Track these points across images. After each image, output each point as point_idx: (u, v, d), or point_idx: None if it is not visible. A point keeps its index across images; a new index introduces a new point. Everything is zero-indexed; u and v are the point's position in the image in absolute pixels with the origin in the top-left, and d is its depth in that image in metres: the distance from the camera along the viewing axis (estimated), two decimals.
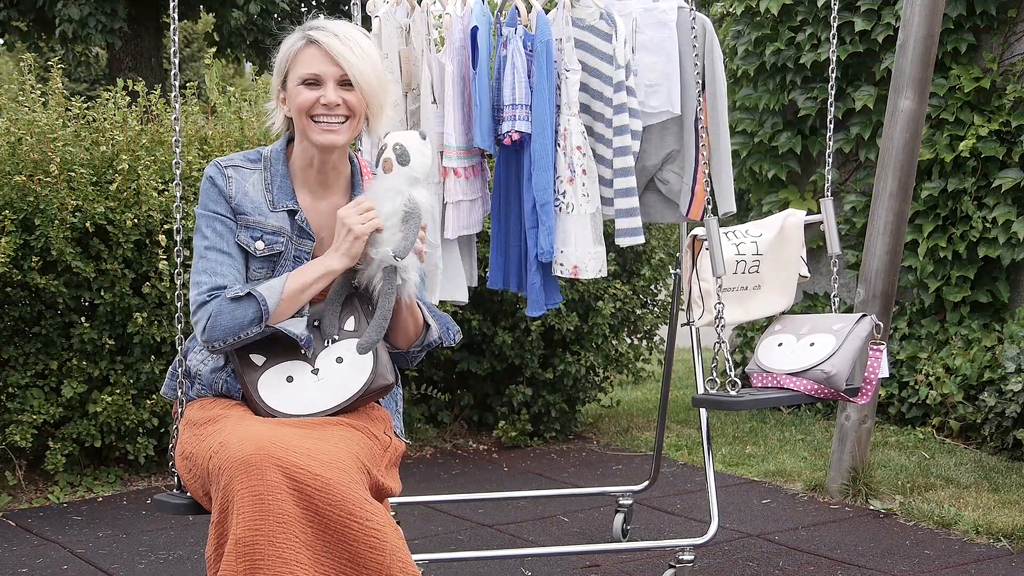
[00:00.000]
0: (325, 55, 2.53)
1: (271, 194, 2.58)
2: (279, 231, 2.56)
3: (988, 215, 5.37)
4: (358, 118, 2.57)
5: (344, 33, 2.56)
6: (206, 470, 2.35)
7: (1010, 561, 3.78)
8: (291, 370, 2.52)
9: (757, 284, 3.60)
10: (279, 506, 2.21)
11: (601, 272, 3.61)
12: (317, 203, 2.62)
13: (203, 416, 2.51)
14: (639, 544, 3.88)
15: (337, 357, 2.53)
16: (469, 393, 5.67)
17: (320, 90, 2.53)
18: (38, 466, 4.85)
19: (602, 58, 3.57)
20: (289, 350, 2.52)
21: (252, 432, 2.32)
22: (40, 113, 4.70)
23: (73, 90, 15.75)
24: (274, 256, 2.56)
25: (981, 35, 5.57)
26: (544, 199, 3.52)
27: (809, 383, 3.34)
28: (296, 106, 2.55)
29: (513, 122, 3.50)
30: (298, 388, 2.50)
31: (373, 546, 2.24)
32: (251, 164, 2.61)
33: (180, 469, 2.52)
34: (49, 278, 4.53)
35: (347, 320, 2.57)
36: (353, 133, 2.58)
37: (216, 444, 2.33)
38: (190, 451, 2.46)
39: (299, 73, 2.54)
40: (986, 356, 5.24)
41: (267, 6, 13.16)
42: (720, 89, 3.76)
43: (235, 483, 2.24)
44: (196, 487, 2.44)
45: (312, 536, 2.24)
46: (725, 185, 3.78)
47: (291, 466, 2.24)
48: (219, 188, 2.57)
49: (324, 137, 2.54)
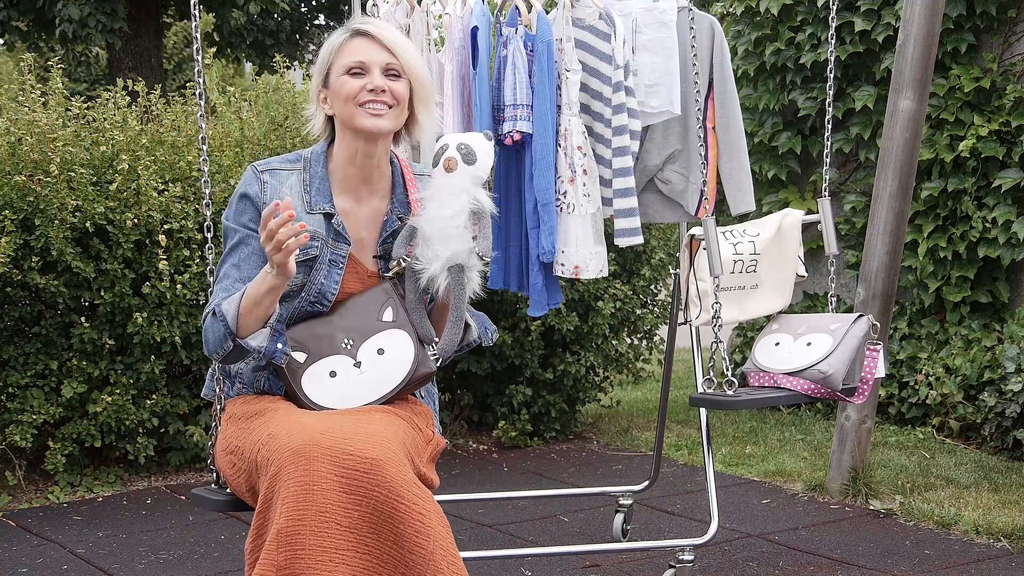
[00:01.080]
0: (372, 42, 2.53)
1: (309, 195, 2.57)
2: (314, 235, 2.54)
3: (988, 215, 5.37)
4: (402, 107, 2.55)
5: (389, 27, 2.59)
6: (254, 462, 2.34)
7: (1010, 561, 3.78)
8: (334, 364, 2.52)
9: (754, 284, 3.60)
10: (323, 495, 2.21)
11: (602, 272, 3.61)
12: (358, 207, 2.60)
13: (248, 410, 2.51)
14: (639, 544, 3.88)
15: (378, 349, 2.53)
16: (469, 393, 5.67)
17: (366, 78, 2.51)
18: (38, 466, 4.85)
19: (601, 58, 3.58)
20: (330, 345, 2.52)
21: (301, 423, 2.32)
22: (40, 113, 4.70)
23: (73, 90, 15.76)
24: (309, 260, 2.55)
25: (981, 35, 5.57)
26: (546, 199, 3.52)
27: (806, 383, 3.34)
28: (342, 96, 2.52)
29: (514, 122, 3.51)
30: (342, 382, 2.50)
31: (418, 530, 2.24)
32: (289, 166, 2.60)
33: (222, 464, 2.51)
34: (49, 278, 4.54)
35: (385, 311, 2.56)
36: (397, 123, 2.55)
37: (265, 436, 2.34)
38: (236, 445, 2.46)
39: (344, 63, 2.53)
40: (986, 356, 5.24)
41: (267, 6, 13.15)
42: (730, 88, 3.77)
43: (283, 473, 2.23)
44: (239, 481, 2.44)
45: (358, 519, 2.23)
46: (744, 184, 3.79)
47: (340, 453, 2.24)
48: (252, 198, 2.55)
49: (370, 121, 2.50)
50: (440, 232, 2.50)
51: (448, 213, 2.50)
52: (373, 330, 2.54)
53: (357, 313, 2.56)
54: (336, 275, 2.57)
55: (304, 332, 2.55)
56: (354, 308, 2.57)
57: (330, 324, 2.55)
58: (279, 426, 2.33)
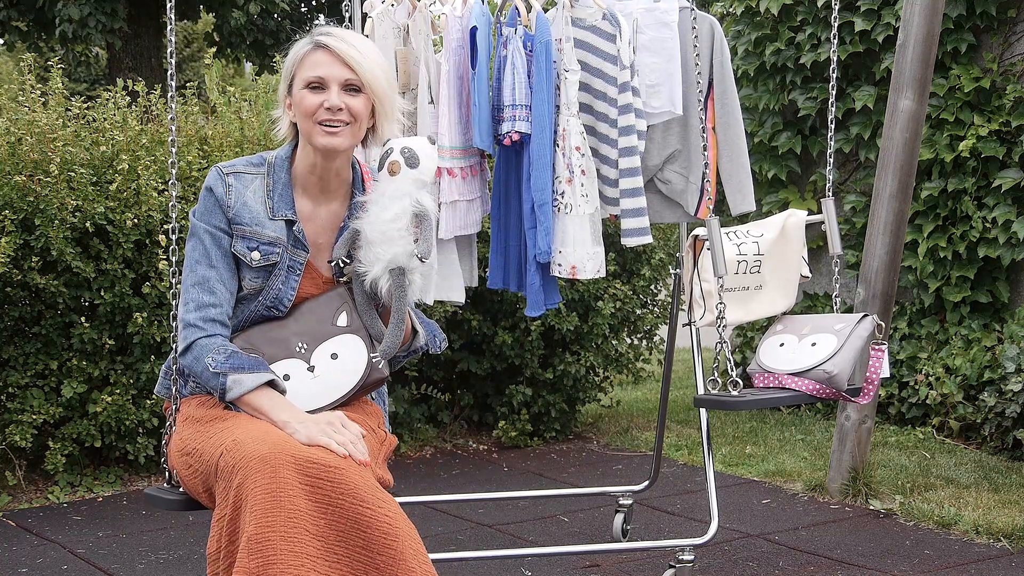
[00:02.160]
0: (333, 57, 2.53)
1: (271, 201, 2.58)
2: (275, 241, 2.57)
3: (988, 215, 5.37)
4: (360, 123, 2.56)
5: (353, 38, 2.57)
6: (214, 467, 2.35)
7: (1010, 561, 3.78)
8: (287, 368, 2.54)
9: (758, 284, 3.60)
10: (291, 502, 2.22)
11: (599, 272, 3.60)
12: (316, 210, 2.62)
13: (206, 413, 2.51)
14: (639, 544, 3.88)
15: (332, 353, 2.55)
16: (469, 393, 5.67)
17: (324, 94, 2.53)
18: (38, 466, 4.85)
19: (605, 58, 3.57)
20: (284, 349, 2.54)
21: (266, 431, 2.34)
22: (40, 113, 4.70)
23: (73, 90, 15.75)
24: (269, 266, 2.57)
25: (981, 35, 5.57)
26: (542, 199, 3.52)
27: (811, 383, 3.34)
28: (302, 111, 2.54)
29: (513, 122, 3.50)
30: (295, 386, 2.52)
31: (386, 532, 2.25)
32: (254, 169, 2.61)
33: (178, 465, 2.52)
34: (49, 278, 4.53)
35: (339, 316, 2.58)
36: (355, 139, 2.57)
37: (229, 442, 2.34)
38: (193, 447, 2.46)
39: (305, 76, 2.54)
40: (986, 356, 5.24)
41: (267, 6, 13.15)
42: (730, 88, 3.76)
43: (249, 481, 2.24)
44: (195, 483, 2.44)
45: (324, 527, 2.24)
46: (745, 184, 3.79)
47: (304, 461, 2.26)
48: (217, 198, 2.57)
49: (325, 139, 2.53)
50: (381, 235, 2.52)
51: (389, 216, 2.51)
52: (327, 335, 2.56)
53: (312, 317, 2.58)
54: (293, 281, 2.59)
55: (258, 336, 2.56)
56: (309, 312, 2.59)
57: (284, 328, 2.57)
58: (244, 433, 2.34)
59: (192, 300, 2.55)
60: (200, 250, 2.57)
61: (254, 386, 2.44)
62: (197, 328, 2.52)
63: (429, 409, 5.68)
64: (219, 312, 2.54)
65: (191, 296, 2.55)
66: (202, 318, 2.53)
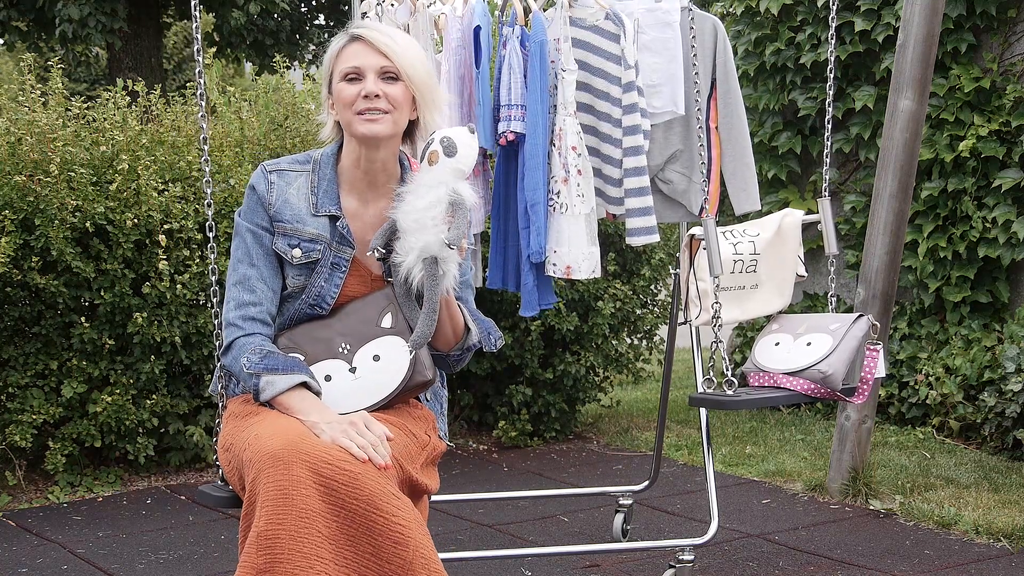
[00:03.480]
0: (367, 47, 2.52)
1: (315, 197, 2.57)
2: (317, 238, 2.55)
3: (988, 215, 5.37)
4: (400, 111, 2.53)
5: (388, 29, 2.58)
6: (241, 461, 2.36)
7: (1010, 561, 3.78)
8: (329, 369, 2.52)
9: (754, 284, 3.60)
10: (303, 501, 2.21)
11: (595, 273, 3.59)
12: (364, 209, 2.60)
13: (245, 410, 2.52)
14: (639, 544, 3.88)
15: (374, 355, 2.53)
16: (469, 393, 5.67)
17: (361, 83, 2.51)
18: (38, 466, 4.85)
19: (608, 58, 3.56)
20: (327, 349, 2.53)
21: (284, 426, 2.33)
22: (40, 113, 4.70)
23: (73, 90, 15.76)
24: (311, 264, 2.56)
25: (981, 35, 5.57)
26: (534, 199, 3.51)
27: (806, 383, 3.34)
28: (341, 103, 2.53)
29: (508, 122, 3.50)
30: (336, 386, 2.50)
31: (396, 541, 2.23)
32: (299, 167, 2.61)
33: (221, 461, 2.53)
34: (49, 278, 4.54)
35: (384, 317, 2.55)
36: (396, 127, 2.54)
37: (251, 437, 2.34)
38: (230, 443, 2.47)
39: (341, 69, 2.54)
40: (986, 356, 5.24)
41: (267, 6, 13.15)
42: (734, 88, 3.76)
43: (262, 476, 2.24)
44: (235, 479, 2.45)
45: (336, 530, 2.23)
46: (749, 184, 3.79)
47: (319, 461, 2.24)
48: (259, 195, 2.57)
49: (365, 127, 2.50)
50: (414, 223, 2.49)
51: (424, 204, 2.48)
52: (371, 336, 2.54)
53: (356, 318, 2.56)
54: (337, 279, 2.57)
55: (302, 335, 2.55)
56: (354, 312, 2.56)
57: (328, 328, 2.55)
58: (265, 428, 2.34)
59: (233, 299, 2.55)
60: (243, 249, 2.57)
61: (286, 387, 2.43)
62: (236, 327, 2.53)
63: None
64: (259, 311, 2.54)
65: (232, 295, 2.55)
66: (241, 316, 2.53)
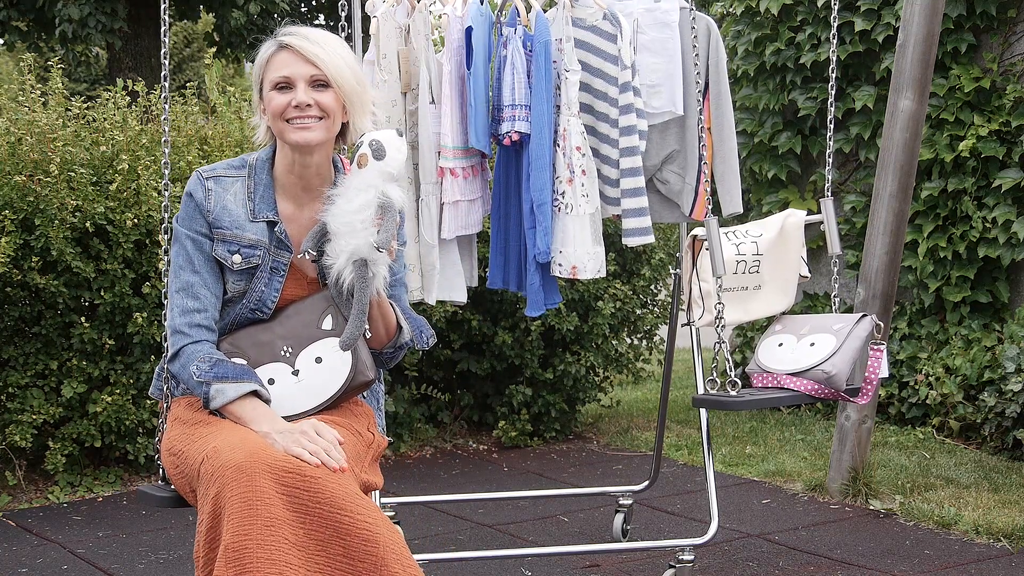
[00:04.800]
0: (296, 56, 2.53)
1: (252, 203, 2.59)
2: (256, 244, 2.57)
3: (988, 215, 5.37)
4: (333, 118, 2.55)
5: (316, 35, 2.57)
6: (196, 472, 2.36)
7: (1010, 561, 3.78)
8: (272, 372, 2.54)
9: (757, 284, 3.60)
10: (268, 510, 2.22)
11: (600, 272, 3.60)
12: (300, 212, 2.62)
13: (193, 416, 2.53)
14: (639, 544, 3.88)
15: (316, 357, 2.56)
16: (469, 393, 5.67)
17: (291, 93, 2.53)
18: (38, 466, 4.85)
19: (606, 59, 3.57)
20: (269, 352, 2.55)
21: (243, 439, 2.34)
22: (40, 113, 4.70)
23: (73, 90, 15.75)
24: (251, 269, 2.58)
25: (981, 35, 5.57)
26: (541, 199, 3.52)
27: (809, 383, 3.34)
28: (271, 111, 2.54)
29: (513, 122, 3.50)
30: (279, 389, 2.53)
31: (366, 539, 2.25)
32: (235, 172, 2.62)
33: (166, 464, 2.53)
34: (49, 278, 4.53)
35: (324, 319, 2.58)
36: (328, 133, 2.56)
37: (209, 449, 2.35)
38: (179, 448, 2.48)
39: (271, 78, 2.55)
40: (986, 356, 5.24)
41: (267, 6, 13.16)
42: (724, 90, 3.76)
43: (226, 490, 2.25)
44: (183, 483, 2.46)
45: (304, 536, 2.24)
46: (732, 186, 3.79)
47: (280, 470, 2.26)
48: (197, 203, 2.58)
49: (298, 135, 2.52)
50: (344, 226, 2.51)
51: (353, 208, 2.50)
52: (312, 338, 2.56)
53: (297, 320, 2.58)
54: (277, 283, 2.59)
55: (244, 339, 2.57)
56: (294, 315, 2.59)
57: (270, 331, 2.58)
58: (223, 440, 2.34)
59: (177, 306, 2.56)
60: (183, 256, 2.58)
61: (236, 396, 2.45)
62: (183, 334, 2.54)
63: (429, 409, 5.68)
64: (204, 317, 2.55)
65: (176, 302, 2.57)
66: (188, 324, 2.54)
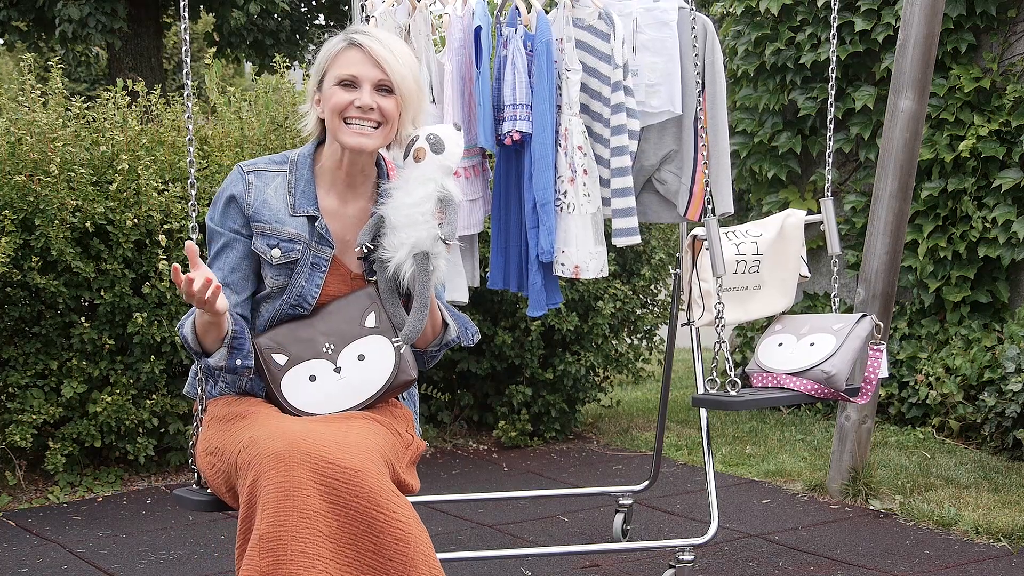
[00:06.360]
0: (366, 57, 2.52)
1: (293, 198, 2.57)
2: (296, 238, 2.56)
3: (988, 215, 5.37)
4: (391, 125, 2.55)
5: (387, 39, 2.57)
6: (234, 464, 2.35)
7: (1010, 561, 3.78)
8: (313, 369, 2.52)
9: (757, 284, 3.60)
10: (304, 501, 2.22)
11: (602, 272, 3.61)
12: (343, 207, 2.61)
13: (230, 412, 2.52)
14: (639, 544, 3.88)
15: (359, 354, 2.54)
16: (469, 393, 5.67)
17: (356, 92, 2.52)
18: (38, 466, 4.85)
19: (600, 58, 3.58)
20: (311, 349, 2.53)
21: (282, 428, 2.33)
22: (40, 113, 4.70)
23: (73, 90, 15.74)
24: (291, 263, 2.56)
25: (981, 35, 5.57)
26: (544, 199, 3.52)
27: (809, 383, 3.34)
28: (330, 106, 2.53)
29: (514, 122, 3.50)
30: (321, 387, 2.51)
31: (398, 537, 2.25)
32: (276, 167, 2.61)
33: (202, 465, 2.52)
34: (49, 278, 4.53)
35: (368, 316, 2.56)
36: (385, 140, 2.56)
37: (246, 439, 2.34)
38: (216, 446, 2.46)
39: (337, 74, 2.54)
40: (986, 356, 5.24)
41: (267, 6, 13.15)
42: (720, 90, 3.76)
43: (263, 479, 2.24)
44: (219, 483, 2.45)
45: (337, 528, 2.24)
46: (723, 186, 3.79)
47: (320, 460, 2.25)
48: (237, 199, 2.57)
49: (354, 139, 2.52)
50: (405, 219, 2.50)
51: (413, 200, 2.50)
52: (355, 335, 2.55)
53: (339, 317, 2.56)
54: (317, 278, 2.58)
55: (286, 334, 2.56)
56: (337, 312, 2.57)
57: (312, 327, 2.56)
58: (260, 430, 2.34)
59: None
60: (217, 255, 2.58)
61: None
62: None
63: (429, 409, 5.68)
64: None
65: None
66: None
